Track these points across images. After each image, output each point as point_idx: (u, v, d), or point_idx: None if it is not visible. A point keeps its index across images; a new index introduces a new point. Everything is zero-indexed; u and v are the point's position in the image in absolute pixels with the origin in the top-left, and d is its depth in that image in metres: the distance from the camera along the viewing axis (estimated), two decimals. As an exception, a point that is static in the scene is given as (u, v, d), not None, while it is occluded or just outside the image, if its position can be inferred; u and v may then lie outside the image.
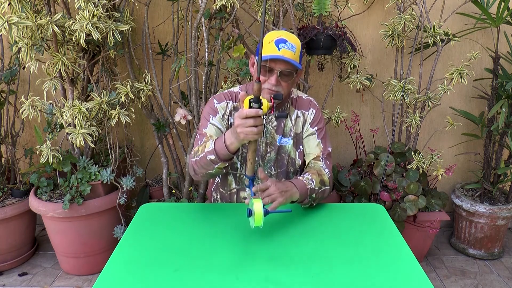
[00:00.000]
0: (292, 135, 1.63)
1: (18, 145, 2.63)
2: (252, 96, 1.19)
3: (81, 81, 2.27)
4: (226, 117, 1.58)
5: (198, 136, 1.54)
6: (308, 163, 1.63)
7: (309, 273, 1.14)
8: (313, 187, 1.46)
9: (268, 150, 1.61)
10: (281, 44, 1.42)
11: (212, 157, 1.36)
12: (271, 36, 1.46)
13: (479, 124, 2.49)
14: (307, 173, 1.50)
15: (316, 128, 1.63)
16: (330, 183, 1.56)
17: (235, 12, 2.07)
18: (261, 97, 1.19)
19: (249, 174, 1.28)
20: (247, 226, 1.39)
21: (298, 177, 1.47)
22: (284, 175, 1.64)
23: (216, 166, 1.38)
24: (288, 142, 1.63)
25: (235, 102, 1.60)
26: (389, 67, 2.62)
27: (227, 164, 1.40)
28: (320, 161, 1.59)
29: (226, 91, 1.64)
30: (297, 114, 1.63)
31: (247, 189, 1.63)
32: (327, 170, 1.57)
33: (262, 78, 1.48)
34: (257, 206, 1.14)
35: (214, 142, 1.37)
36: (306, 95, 1.68)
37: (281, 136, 1.62)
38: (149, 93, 2.20)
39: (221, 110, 1.58)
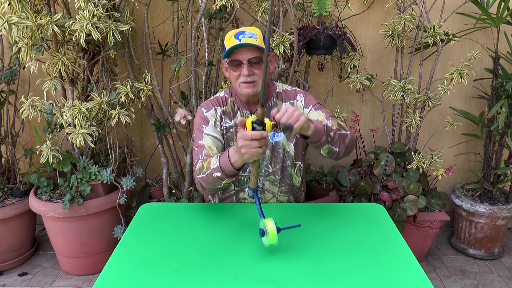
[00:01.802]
0: None
1: (18, 145, 2.63)
2: (254, 117, 1.20)
3: (81, 81, 2.27)
4: (218, 123, 1.60)
5: (196, 149, 1.55)
6: None
7: (308, 273, 1.14)
8: (330, 125, 1.41)
9: None
10: (240, 35, 1.45)
11: (219, 174, 1.38)
12: (230, 33, 1.48)
13: (479, 124, 2.49)
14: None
15: (311, 106, 1.60)
16: (351, 133, 1.49)
17: (235, 12, 2.07)
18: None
19: (252, 187, 1.30)
20: (247, 226, 1.39)
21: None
22: (281, 171, 1.63)
23: (224, 182, 1.40)
24: (281, 137, 1.61)
25: (223, 107, 1.62)
26: (389, 67, 2.62)
27: (234, 179, 1.42)
28: (327, 120, 1.51)
29: (212, 97, 1.66)
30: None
31: (246, 189, 1.63)
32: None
33: (234, 74, 1.49)
34: (270, 224, 1.17)
35: (219, 160, 1.38)
36: (291, 87, 1.67)
37: (273, 132, 1.61)
38: (149, 93, 2.20)
39: (212, 118, 1.59)
